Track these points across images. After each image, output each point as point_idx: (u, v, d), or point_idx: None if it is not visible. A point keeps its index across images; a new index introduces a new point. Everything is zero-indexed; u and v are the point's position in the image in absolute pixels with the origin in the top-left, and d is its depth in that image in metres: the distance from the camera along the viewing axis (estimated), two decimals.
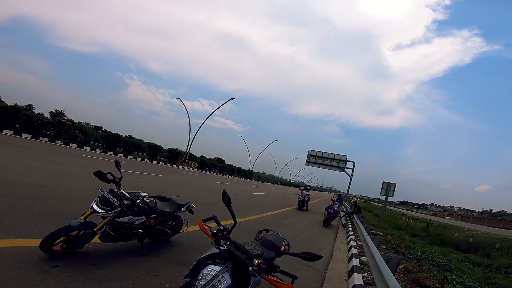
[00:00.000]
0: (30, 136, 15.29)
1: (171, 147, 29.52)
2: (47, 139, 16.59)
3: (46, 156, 10.53)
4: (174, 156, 28.57)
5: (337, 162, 34.10)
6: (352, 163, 34.62)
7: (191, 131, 33.22)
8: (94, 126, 23.06)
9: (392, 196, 12.59)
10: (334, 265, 5.22)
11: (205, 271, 1.81)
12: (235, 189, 17.11)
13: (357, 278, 4.04)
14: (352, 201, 14.73)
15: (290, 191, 30.43)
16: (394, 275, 3.24)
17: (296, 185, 55.49)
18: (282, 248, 2.88)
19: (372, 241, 5.75)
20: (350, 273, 4.57)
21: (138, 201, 3.00)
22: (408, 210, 71.93)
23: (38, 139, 15.56)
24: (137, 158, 22.50)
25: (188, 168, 28.45)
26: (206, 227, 2.08)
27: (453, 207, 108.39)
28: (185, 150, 32.47)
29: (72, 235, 2.70)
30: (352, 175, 34.03)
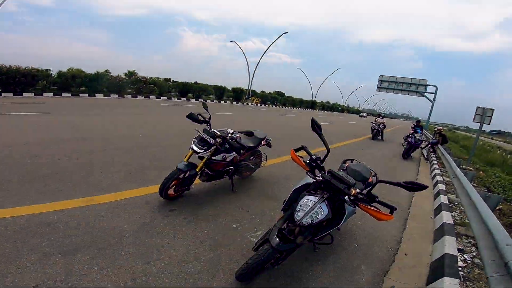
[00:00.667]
0: (117, 95, 17.77)
1: (234, 87, 30.76)
2: (130, 95, 18.97)
3: (135, 110, 12.28)
4: (238, 95, 30.12)
5: (414, 87, 29.88)
6: (434, 88, 30.04)
7: (250, 70, 33.92)
8: (164, 78, 25.00)
9: (489, 124, 10.16)
10: (418, 201, 4.91)
11: (302, 201, 1.89)
12: (299, 120, 16.98)
13: (446, 217, 3.73)
14: (436, 129, 12.15)
15: (359, 120, 28.52)
16: None
17: (365, 112, 51.21)
18: (370, 179, 2.82)
19: (465, 176, 5.03)
20: (437, 211, 4.23)
21: (228, 137, 3.18)
22: (505, 142, 57.22)
23: (124, 97, 17.94)
24: (207, 100, 24.06)
25: (251, 104, 29.89)
26: (299, 157, 2.09)
27: None
28: (247, 88, 33.44)
29: (180, 178, 3.05)
30: (434, 100, 29.67)
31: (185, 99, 22.59)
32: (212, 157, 3.14)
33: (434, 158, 9.43)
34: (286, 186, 4.39)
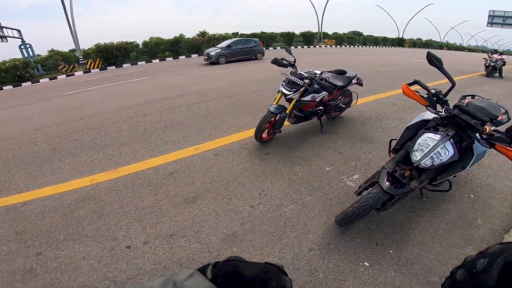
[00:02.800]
0: (196, 55, 18.98)
1: (302, 31, 28.83)
2: None
3: (215, 67, 12.92)
4: (307, 38, 28.54)
5: None
6: None
7: (317, 12, 29.98)
8: (232, 33, 25.45)
9: None
10: None
11: (421, 140, 1.67)
12: (387, 59, 14.67)
13: None
14: None
15: (464, 56, 22.70)
16: None
17: (473, 50, 39.86)
18: (500, 118, 2.28)
19: None
20: None
21: (317, 78, 3.11)
22: None
23: (203, 55, 19.01)
24: (277, 47, 23.61)
25: (325, 46, 27.71)
26: (414, 92, 1.84)
27: None
28: (318, 31, 30.92)
29: (272, 120, 3.17)
30: None
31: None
32: (301, 98, 3.13)
33: None
34: (380, 126, 4.06)
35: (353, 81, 3.70)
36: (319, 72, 3.32)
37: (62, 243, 2.08)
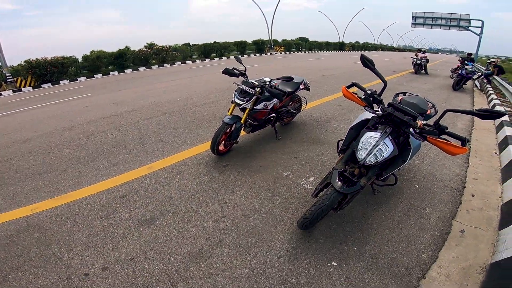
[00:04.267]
0: (144, 67, 18.12)
1: (254, 40, 29.69)
2: (157, 66, 19.27)
3: (165, 78, 12.42)
4: (260, 46, 29.44)
5: (456, 22, 29.87)
6: (481, 22, 29.23)
7: (267, 20, 31.37)
8: (183, 44, 24.90)
9: None
10: (478, 135, 4.46)
11: (363, 139, 1.78)
12: (330, 63, 15.85)
13: None
14: (489, 60, 11.54)
15: (396, 56, 25.83)
16: None
17: (402, 50, 45.77)
18: (428, 112, 2.59)
19: None
20: (503, 145, 3.78)
21: (267, 85, 3.19)
22: None
23: (151, 68, 18.26)
24: (230, 57, 23.78)
25: (276, 53, 28.79)
26: (353, 94, 1.96)
27: None
28: (269, 38, 32.24)
29: (227, 132, 3.14)
30: (481, 33, 28.62)
31: (208, 59, 22.46)
32: (254, 107, 3.17)
33: (490, 89, 8.82)
34: (329, 128, 4.33)
35: (301, 87, 3.88)
36: (268, 79, 3.41)
37: (9, 275, 1.85)
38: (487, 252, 1.97)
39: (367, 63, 1.84)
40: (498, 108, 5.82)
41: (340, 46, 42.37)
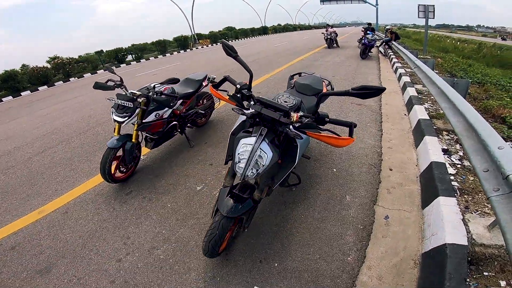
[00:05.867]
0: (46, 86, 15.49)
1: (175, 36, 28.17)
2: (61, 82, 16.69)
3: (68, 95, 10.63)
4: (182, 43, 27.90)
5: None
6: None
7: (186, 15, 30.13)
8: (95, 52, 22.10)
9: (433, 18, 10.37)
10: (387, 99, 4.67)
11: (239, 149, 1.44)
12: (254, 48, 15.90)
13: (420, 111, 3.48)
14: (385, 28, 12.93)
15: (313, 34, 27.44)
16: None
17: (317, 27, 49.05)
18: (324, 90, 2.43)
19: (425, 64, 4.78)
20: (409, 105, 4.01)
21: (150, 94, 2.66)
22: (451, 32, 59.52)
23: (54, 85, 15.70)
24: (150, 58, 22.09)
25: (202, 47, 27.57)
26: (220, 92, 1.67)
27: (505, 28, 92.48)
28: (191, 33, 30.94)
29: (118, 156, 2.67)
30: (377, 4, 32.67)
31: (124, 65, 20.24)
32: (143, 120, 2.67)
33: (391, 53, 9.77)
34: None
35: (204, 83, 3.51)
36: (154, 85, 2.84)
37: None
38: (416, 240, 1.82)
39: (229, 51, 1.54)
40: (400, 70, 6.40)
41: (264, 31, 43.25)
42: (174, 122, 3.02)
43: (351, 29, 45.18)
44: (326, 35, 13.16)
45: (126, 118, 2.54)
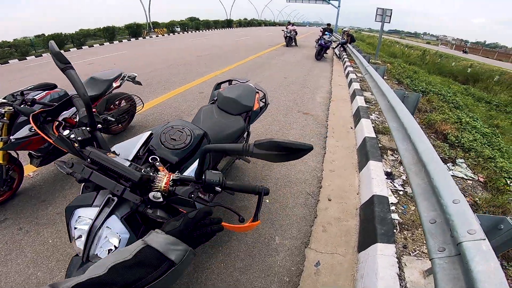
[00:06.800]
0: None
1: (127, 24, 25.71)
2: None
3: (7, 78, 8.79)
4: (135, 30, 25.87)
5: None
6: None
7: (143, 1, 27.79)
8: (34, 36, 19.38)
9: (389, 22, 10.57)
10: (335, 107, 4.39)
11: (73, 222, 0.86)
12: (212, 41, 15.08)
13: (366, 127, 3.21)
14: (343, 30, 13.08)
15: (276, 31, 27.32)
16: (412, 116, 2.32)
17: (281, 24, 49.38)
18: (256, 106, 1.96)
19: (376, 72, 4.59)
20: (356, 117, 3.76)
21: (15, 103, 1.90)
22: (400, 38, 66.18)
23: None
24: (94, 45, 19.84)
25: (157, 36, 25.82)
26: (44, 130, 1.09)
27: (446, 36, 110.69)
28: (147, 21, 28.77)
29: None
30: (339, 6, 35.25)
31: (62, 51, 18.12)
32: (12, 137, 1.95)
33: (345, 56, 9.79)
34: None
35: (115, 84, 2.81)
36: (21, 91, 2.04)
37: None
38: None
39: (56, 60, 0.93)
40: (351, 75, 6.26)
41: (228, 24, 42.11)
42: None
43: (311, 29, 46.43)
44: (285, 32, 12.98)
45: None
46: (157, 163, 0.95)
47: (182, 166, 1.09)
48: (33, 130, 2.03)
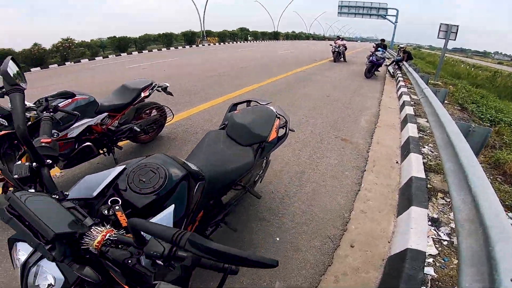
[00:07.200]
0: (39, 68, 15.24)
1: (183, 31, 27.71)
2: (56, 65, 16.40)
3: (62, 80, 10.04)
4: (189, 38, 27.79)
5: (376, 11, 33.33)
6: (396, 11, 33.91)
7: (199, 11, 29.90)
8: (98, 38, 22.04)
9: (454, 40, 9.36)
10: (381, 134, 3.83)
11: (18, 255, 0.78)
12: (257, 52, 15.25)
13: (416, 164, 2.66)
14: (399, 46, 12.01)
15: (324, 45, 26.63)
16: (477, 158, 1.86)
17: (331, 38, 48.19)
18: (272, 135, 1.66)
19: (435, 95, 3.97)
20: (405, 150, 3.18)
21: (38, 109, 1.90)
22: (466, 57, 58.66)
23: (48, 68, 15.36)
24: (153, 50, 21.72)
25: (208, 45, 27.23)
26: None
27: None
28: (201, 29, 30.83)
29: None
30: (396, 22, 33.31)
31: (124, 54, 19.90)
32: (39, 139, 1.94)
33: (400, 75, 8.91)
34: None
35: (144, 94, 2.79)
36: (46, 98, 2.04)
37: None
38: None
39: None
40: (405, 97, 5.61)
41: (275, 36, 42.85)
42: (87, 143, 2.30)
43: (364, 45, 44.36)
44: (334, 47, 12.41)
45: None
46: (117, 207, 0.80)
47: (151, 212, 0.89)
48: (56, 135, 2.04)
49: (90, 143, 2.33)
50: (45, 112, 1.87)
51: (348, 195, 2.42)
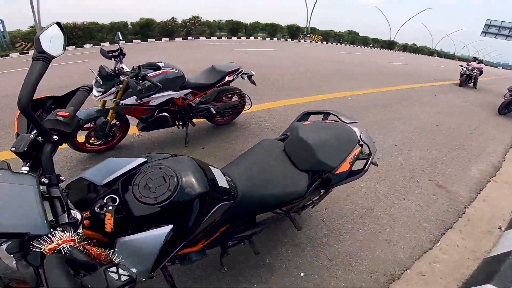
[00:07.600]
0: (167, 39, 18.27)
1: (288, 24, 28.14)
2: (180, 38, 19.37)
3: (192, 50, 11.73)
4: (293, 31, 28.02)
5: None
6: None
7: (308, 7, 29.11)
8: (226, 20, 24.44)
9: None
10: (492, 191, 2.81)
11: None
12: (364, 58, 13.94)
13: None
14: None
15: (451, 64, 21.89)
16: None
17: (463, 59, 38.92)
18: (345, 166, 1.30)
19: None
20: None
21: (131, 75, 2.16)
22: None
23: (174, 40, 18.24)
24: (258, 38, 22.90)
25: (310, 41, 26.79)
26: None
27: None
28: (306, 25, 30.68)
29: (91, 126, 2.43)
30: None
31: (235, 38, 21.83)
32: (121, 102, 2.32)
33: None
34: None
35: (228, 78, 2.81)
36: (139, 66, 2.33)
37: None
38: None
39: None
40: None
41: (389, 45, 38.23)
42: (163, 113, 2.50)
43: (508, 72, 34.58)
44: (464, 69, 9.94)
45: (100, 94, 2.30)
46: (110, 207, 0.71)
47: (146, 224, 0.76)
48: (137, 101, 2.28)
49: (167, 114, 2.51)
50: (134, 79, 2.08)
51: (413, 250, 1.87)
